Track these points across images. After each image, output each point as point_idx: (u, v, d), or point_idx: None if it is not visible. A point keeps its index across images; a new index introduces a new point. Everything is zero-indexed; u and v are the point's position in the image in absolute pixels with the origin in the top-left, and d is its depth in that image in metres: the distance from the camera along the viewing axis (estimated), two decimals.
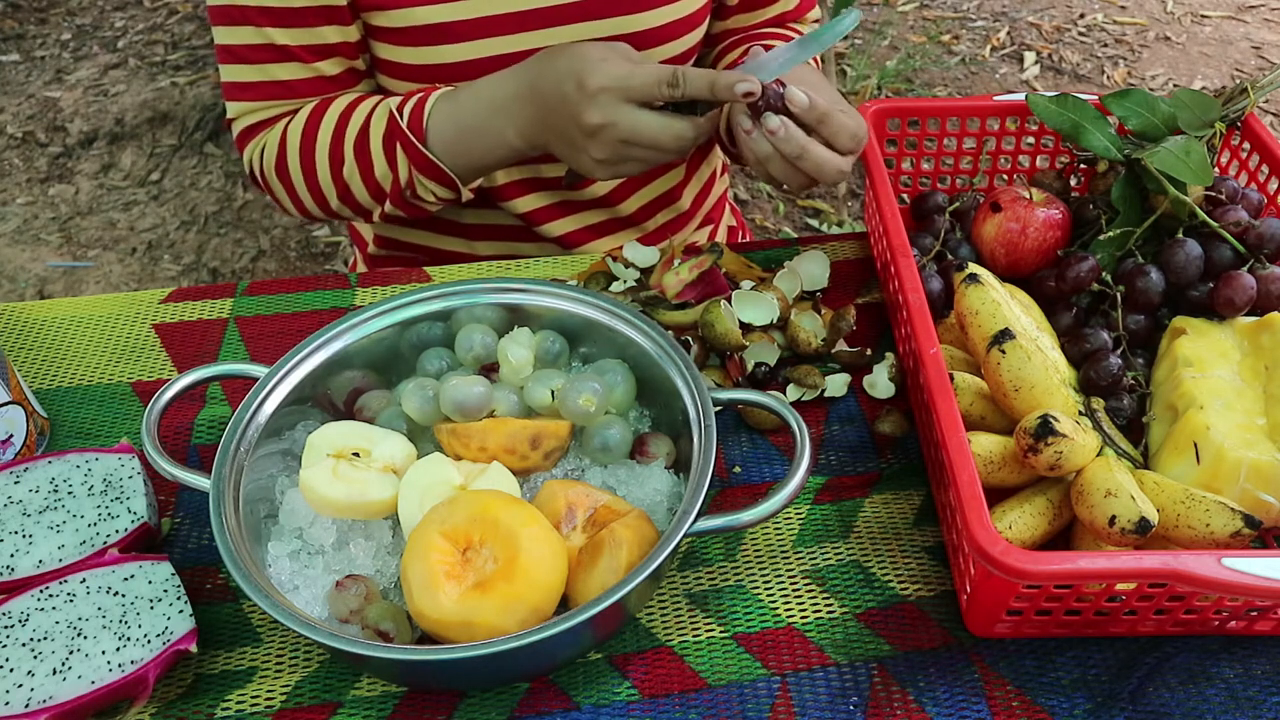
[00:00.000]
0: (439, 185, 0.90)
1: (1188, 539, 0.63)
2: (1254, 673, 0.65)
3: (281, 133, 0.94)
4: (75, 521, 0.70)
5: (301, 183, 0.94)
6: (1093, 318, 0.81)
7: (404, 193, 0.91)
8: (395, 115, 0.88)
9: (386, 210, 0.94)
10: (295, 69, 0.92)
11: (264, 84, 0.93)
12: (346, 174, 0.92)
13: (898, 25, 3.04)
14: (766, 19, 1.05)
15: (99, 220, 2.47)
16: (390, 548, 0.68)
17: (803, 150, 0.79)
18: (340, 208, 0.95)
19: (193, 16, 3.18)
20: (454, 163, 0.89)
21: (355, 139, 0.90)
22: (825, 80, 0.89)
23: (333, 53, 0.92)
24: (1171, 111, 0.85)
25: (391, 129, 0.88)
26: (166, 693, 0.66)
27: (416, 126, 0.88)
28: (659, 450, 0.72)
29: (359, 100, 0.92)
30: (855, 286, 0.93)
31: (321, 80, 0.93)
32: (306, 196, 0.95)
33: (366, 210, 0.95)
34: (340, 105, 0.92)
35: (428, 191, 0.91)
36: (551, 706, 0.64)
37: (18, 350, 0.90)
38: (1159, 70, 2.83)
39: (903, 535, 0.73)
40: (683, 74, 0.78)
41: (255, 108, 0.95)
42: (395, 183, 0.91)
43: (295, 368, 0.73)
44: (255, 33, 0.90)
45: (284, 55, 0.91)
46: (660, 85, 0.79)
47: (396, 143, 0.88)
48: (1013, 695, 0.64)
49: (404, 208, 0.94)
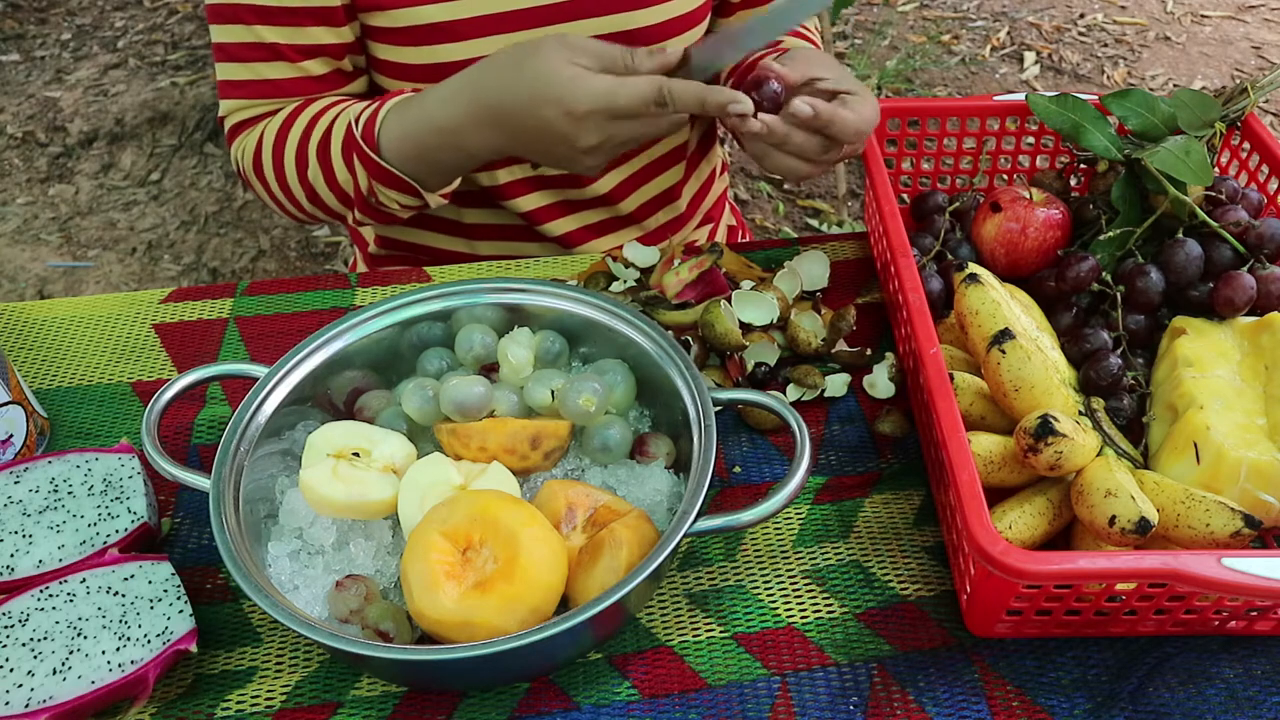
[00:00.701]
0: (401, 194, 0.89)
1: (1188, 539, 0.63)
2: (1254, 672, 0.65)
3: (260, 133, 0.94)
4: (75, 521, 0.70)
5: (275, 184, 0.94)
6: (1093, 318, 0.81)
7: (368, 200, 0.90)
8: (352, 125, 0.87)
9: (358, 216, 0.93)
10: (283, 68, 0.92)
11: (252, 82, 0.93)
12: (312, 178, 0.91)
13: (897, 25, 3.04)
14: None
15: (99, 220, 2.47)
16: (390, 548, 0.68)
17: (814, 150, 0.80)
18: (314, 210, 0.95)
19: (192, 16, 3.18)
20: (416, 172, 0.87)
21: (318, 146, 0.89)
22: (834, 61, 0.87)
23: (320, 52, 0.91)
24: (1171, 111, 0.85)
25: (348, 139, 0.87)
26: (166, 693, 0.66)
27: (369, 137, 0.86)
28: (659, 450, 0.72)
29: (330, 105, 0.92)
30: (855, 286, 0.93)
31: (308, 80, 0.93)
32: (282, 197, 0.95)
33: (339, 214, 0.94)
34: (313, 110, 0.92)
35: (390, 200, 0.89)
36: (551, 706, 0.64)
37: (18, 350, 0.90)
38: (1159, 70, 2.83)
39: (903, 535, 0.73)
40: (669, 91, 0.77)
41: (244, 105, 0.95)
42: (357, 190, 0.90)
43: (295, 368, 0.73)
44: (246, 30, 0.90)
45: (273, 54, 0.91)
46: (647, 105, 0.77)
47: (353, 153, 0.87)
48: (1013, 695, 0.64)
49: (372, 214, 0.92)
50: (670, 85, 0.77)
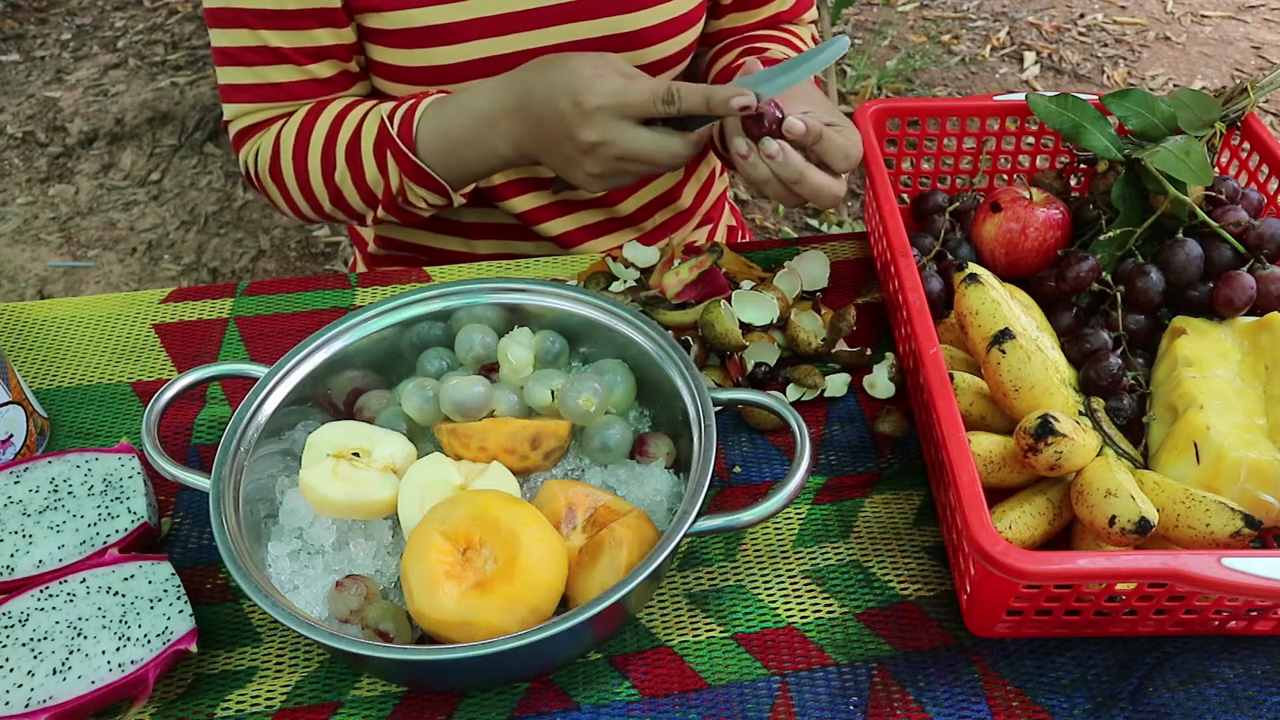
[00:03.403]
0: (430, 192, 0.90)
1: (1187, 539, 0.63)
2: (1254, 672, 0.65)
3: (275, 136, 0.94)
4: (75, 521, 0.70)
5: (295, 186, 0.94)
6: (1092, 317, 0.81)
7: (396, 199, 0.92)
8: (386, 123, 0.88)
9: (379, 215, 0.94)
10: (289, 71, 0.92)
11: (258, 86, 0.93)
12: (339, 179, 0.92)
13: (898, 25, 3.04)
14: (762, 19, 1.06)
15: (99, 220, 2.47)
16: (390, 548, 0.68)
17: (800, 175, 0.80)
18: (334, 210, 0.95)
19: (192, 16, 3.18)
20: (445, 171, 0.89)
21: (347, 145, 0.90)
22: (821, 95, 0.89)
23: (326, 55, 0.92)
24: (1171, 111, 0.85)
25: (382, 136, 0.88)
26: (166, 693, 0.66)
27: (406, 134, 0.88)
28: (659, 450, 0.72)
29: (353, 105, 0.92)
30: (855, 286, 0.93)
31: (315, 83, 0.93)
32: (300, 199, 0.95)
33: (359, 214, 0.95)
34: (334, 110, 0.92)
35: (419, 198, 0.91)
36: (551, 706, 0.64)
37: (18, 350, 0.90)
38: (1159, 70, 2.83)
39: (903, 535, 0.73)
40: (678, 90, 0.79)
41: (250, 110, 0.95)
42: (387, 189, 0.91)
43: (295, 368, 0.73)
44: (249, 35, 0.90)
45: (277, 58, 0.91)
46: (655, 101, 0.79)
47: (387, 150, 0.88)
48: (1013, 695, 0.64)
49: (396, 213, 0.94)
50: (678, 85, 0.79)
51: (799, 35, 1.07)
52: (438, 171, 0.89)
